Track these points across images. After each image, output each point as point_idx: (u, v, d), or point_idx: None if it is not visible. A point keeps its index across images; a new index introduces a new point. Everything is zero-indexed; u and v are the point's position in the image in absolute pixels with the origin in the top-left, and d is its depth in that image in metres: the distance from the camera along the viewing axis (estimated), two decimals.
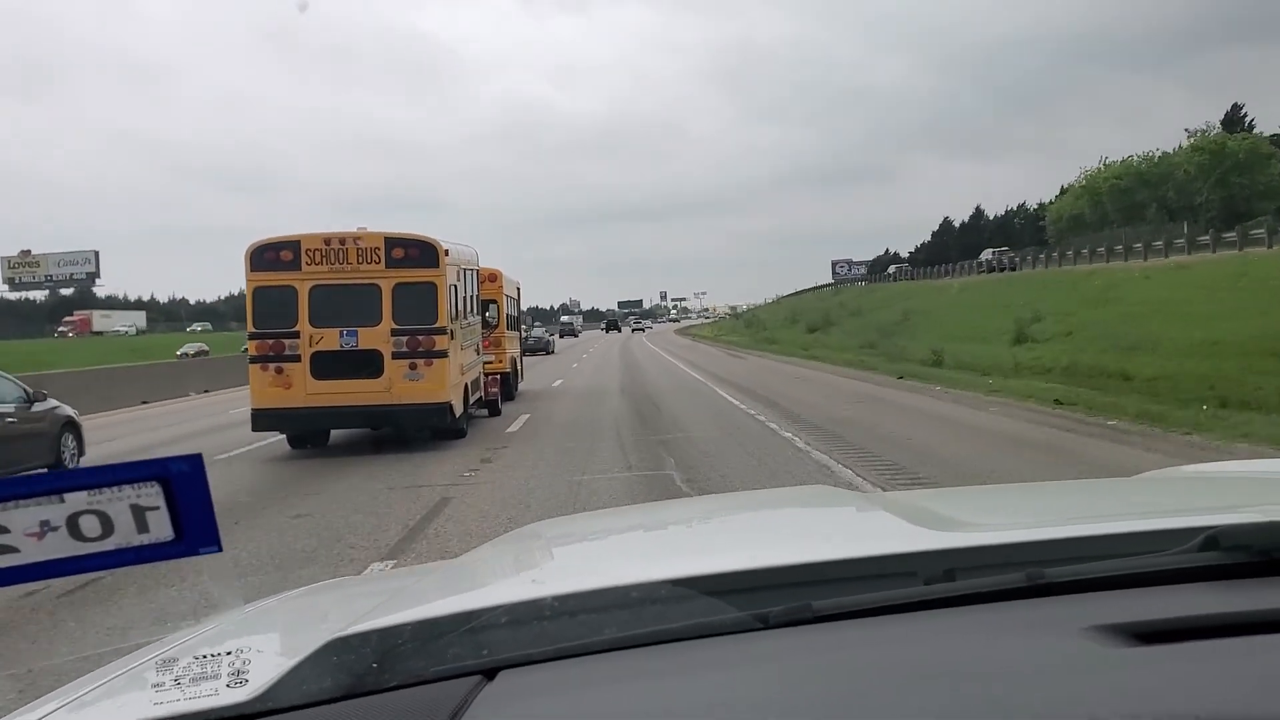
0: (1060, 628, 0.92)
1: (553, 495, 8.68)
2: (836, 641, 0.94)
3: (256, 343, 12.36)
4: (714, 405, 17.07)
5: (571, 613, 1.01)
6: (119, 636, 5.18)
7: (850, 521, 1.60)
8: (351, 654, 0.95)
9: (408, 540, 7.23)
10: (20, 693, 4.26)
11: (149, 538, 0.84)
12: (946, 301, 45.84)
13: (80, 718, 1.03)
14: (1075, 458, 9.69)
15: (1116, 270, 38.67)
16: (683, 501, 4.52)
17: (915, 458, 10.09)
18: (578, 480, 9.45)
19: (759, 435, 12.52)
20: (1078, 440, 10.94)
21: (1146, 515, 1.35)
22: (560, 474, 9.89)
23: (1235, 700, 0.79)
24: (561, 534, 1.75)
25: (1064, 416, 12.95)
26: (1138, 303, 27.97)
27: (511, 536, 1.79)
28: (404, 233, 12.66)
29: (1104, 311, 27.98)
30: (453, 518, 7.97)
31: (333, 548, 7.11)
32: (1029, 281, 44.08)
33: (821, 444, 11.28)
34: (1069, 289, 34.99)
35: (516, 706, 0.88)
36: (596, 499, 8.45)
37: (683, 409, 16.49)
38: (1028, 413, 13.65)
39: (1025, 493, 2.37)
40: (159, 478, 0.83)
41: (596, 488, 9.02)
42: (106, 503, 0.83)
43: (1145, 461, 8.13)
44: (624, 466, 10.26)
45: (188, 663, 1.01)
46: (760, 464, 10.12)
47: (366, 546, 7.05)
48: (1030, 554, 1.09)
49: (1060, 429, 11.89)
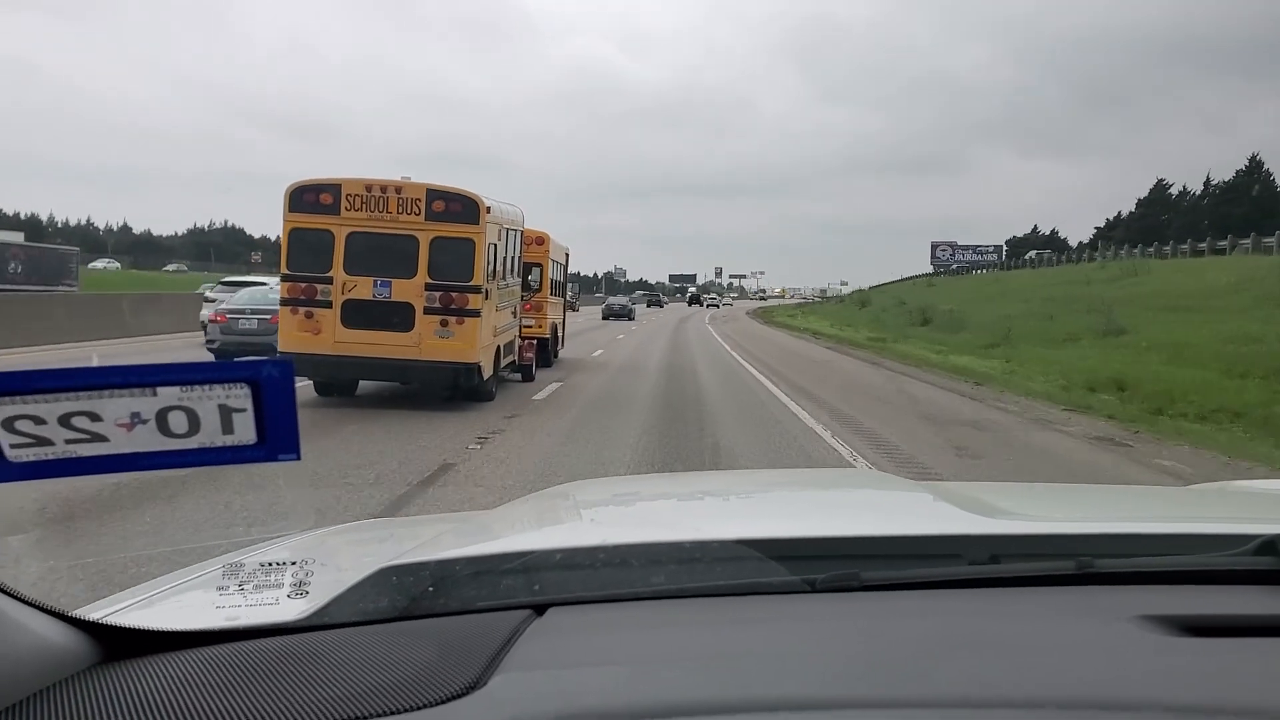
0: (1109, 614, 0.96)
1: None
2: (881, 610, 1.00)
3: (289, 285, 12.55)
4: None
5: (624, 560, 1.07)
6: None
7: (900, 503, 1.65)
8: (410, 577, 1.01)
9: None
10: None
11: (233, 439, 0.89)
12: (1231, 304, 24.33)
13: (148, 615, 1.10)
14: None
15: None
16: (730, 473, 4.63)
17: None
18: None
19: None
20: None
21: (1198, 520, 1.39)
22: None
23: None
24: (606, 493, 1.82)
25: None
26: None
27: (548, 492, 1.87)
28: (446, 186, 12.74)
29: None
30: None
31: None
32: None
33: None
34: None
35: (565, 640, 0.94)
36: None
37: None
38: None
39: (1074, 492, 2.42)
40: (249, 380, 0.88)
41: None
42: (196, 400, 0.88)
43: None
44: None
45: (253, 569, 1.07)
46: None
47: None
48: (1076, 546, 1.13)
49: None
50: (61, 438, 0.85)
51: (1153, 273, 38.57)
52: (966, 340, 28.06)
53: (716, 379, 18.86)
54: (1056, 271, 53.57)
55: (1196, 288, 29.39)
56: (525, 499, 1.87)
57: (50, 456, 0.86)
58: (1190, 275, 33.87)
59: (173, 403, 0.88)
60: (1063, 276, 46.33)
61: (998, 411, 14.45)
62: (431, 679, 0.87)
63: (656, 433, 11.17)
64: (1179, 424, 12.84)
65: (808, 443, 10.80)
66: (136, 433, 0.88)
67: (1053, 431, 12.45)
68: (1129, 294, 31.08)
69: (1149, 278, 36.60)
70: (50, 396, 0.83)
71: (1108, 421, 13.28)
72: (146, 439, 0.88)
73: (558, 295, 21.50)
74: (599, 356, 24.51)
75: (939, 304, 41.11)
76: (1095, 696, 0.81)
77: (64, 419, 0.84)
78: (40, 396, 0.82)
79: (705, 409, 13.83)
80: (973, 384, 18.30)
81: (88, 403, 0.84)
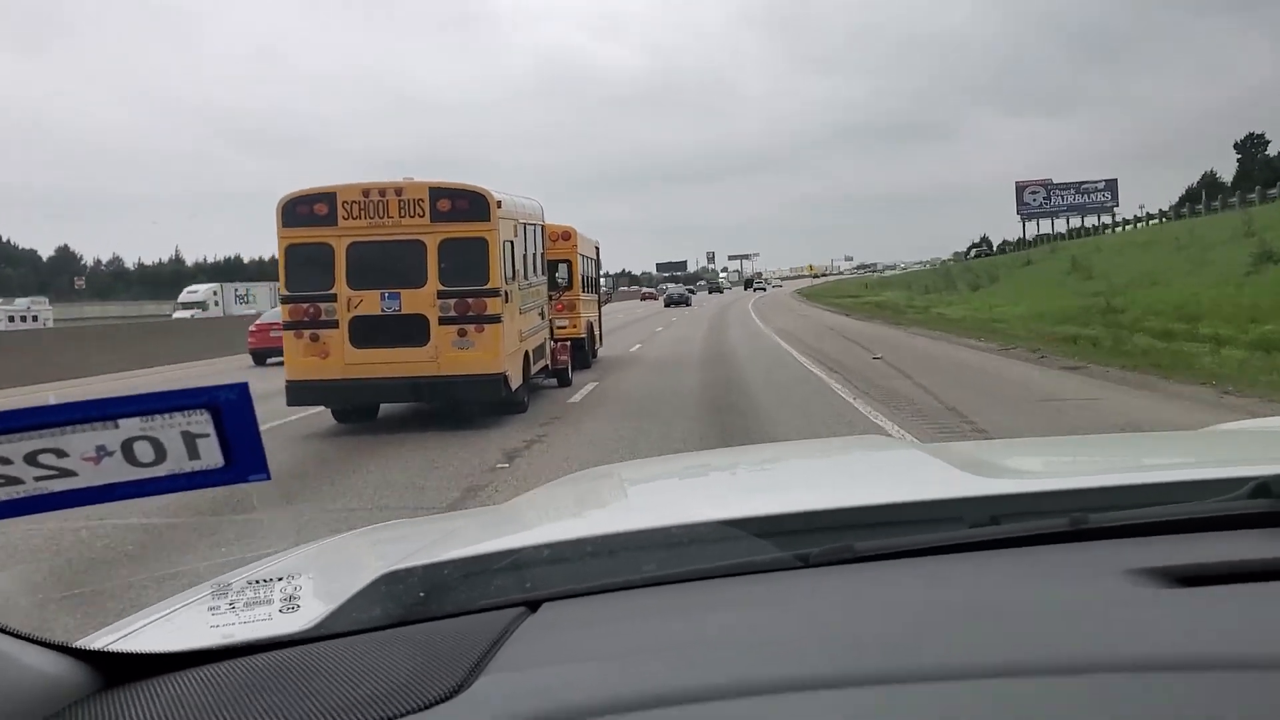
0: (1103, 569, 1.01)
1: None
2: (877, 580, 1.06)
3: (290, 307, 12.59)
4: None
5: (612, 550, 1.15)
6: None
7: (897, 468, 1.73)
8: (400, 585, 1.10)
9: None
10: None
11: (200, 464, 0.98)
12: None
13: (144, 640, 1.19)
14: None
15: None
16: (735, 449, 4.72)
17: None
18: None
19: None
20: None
21: (1193, 465, 1.44)
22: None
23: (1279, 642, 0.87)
24: (612, 477, 1.91)
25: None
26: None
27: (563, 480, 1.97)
28: (451, 182, 12.72)
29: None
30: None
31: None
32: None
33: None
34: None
35: (558, 635, 1.02)
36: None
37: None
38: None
39: (1072, 444, 2.48)
40: (207, 405, 0.97)
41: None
42: (159, 429, 0.97)
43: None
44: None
45: (242, 588, 1.16)
46: None
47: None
48: (1074, 501, 1.19)
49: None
50: (30, 475, 0.93)
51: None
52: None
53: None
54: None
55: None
56: (533, 491, 1.99)
57: (23, 494, 0.95)
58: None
59: (135, 433, 0.96)
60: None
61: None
62: (417, 685, 0.95)
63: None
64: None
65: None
66: (104, 465, 0.97)
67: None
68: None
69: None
70: (13, 436, 0.92)
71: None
72: (115, 470, 0.97)
73: (590, 292, 21.62)
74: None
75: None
76: (1088, 657, 0.87)
77: (29, 457, 0.93)
78: (2, 437, 0.91)
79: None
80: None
81: (51, 440, 0.93)
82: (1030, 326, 25.37)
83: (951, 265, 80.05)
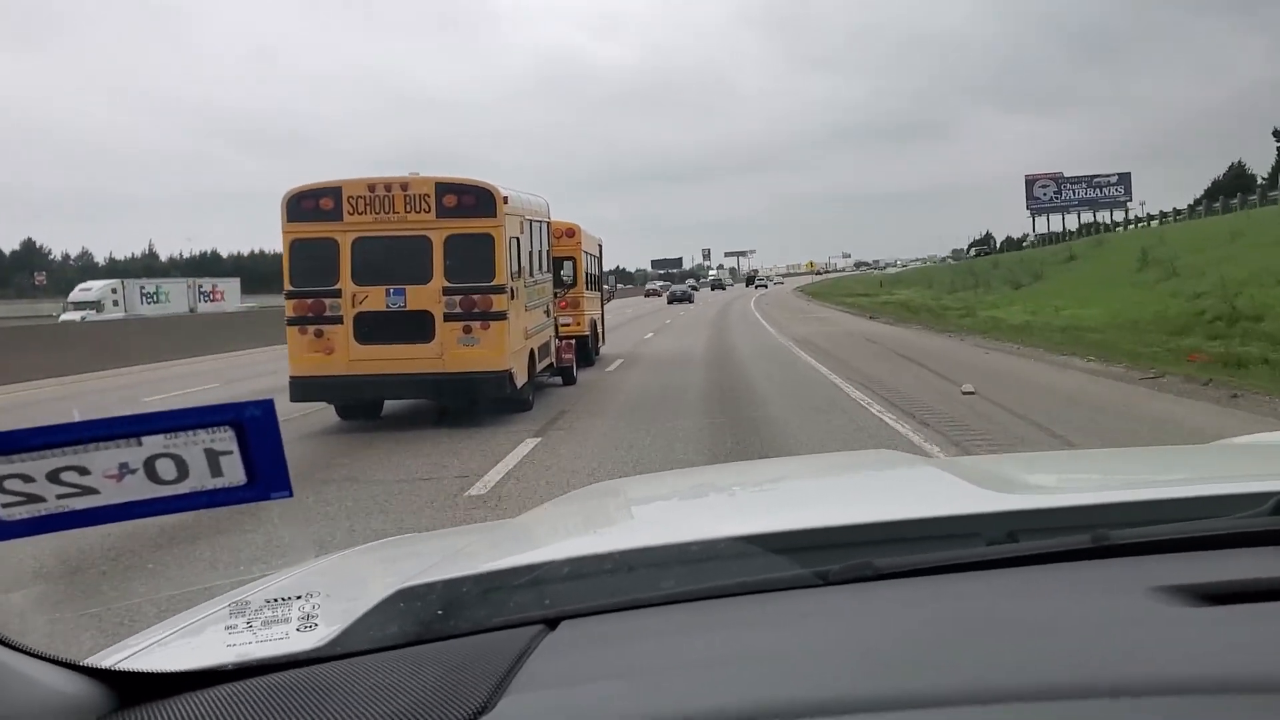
0: (1126, 587, 1.01)
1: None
2: (897, 597, 1.06)
3: (294, 302, 12.62)
4: None
5: (631, 567, 1.15)
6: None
7: (914, 484, 1.73)
8: (418, 602, 1.10)
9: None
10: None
11: (222, 481, 0.98)
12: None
13: (159, 659, 1.20)
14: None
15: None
16: (750, 464, 4.75)
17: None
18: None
19: None
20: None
21: (1213, 480, 1.44)
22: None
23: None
24: (623, 493, 1.92)
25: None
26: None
27: (571, 496, 1.97)
28: (457, 178, 12.74)
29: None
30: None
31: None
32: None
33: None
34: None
35: (579, 654, 1.02)
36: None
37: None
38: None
39: (1090, 458, 2.48)
40: (231, 422, 0.97)
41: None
42: (181, 446, 0.97)
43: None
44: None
45: (259, 607, 1.17)
46: None
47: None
48: (1094, 517, 1.19)
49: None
50: (52, 493, 0.94)
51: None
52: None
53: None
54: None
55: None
56: (546, 504, 1.99)
57: (44, 512, 0.95)
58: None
59: (158, 451, 0.97)
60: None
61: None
62: (441, 705, 0.95)
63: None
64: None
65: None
66: (126, 483, 0.97)
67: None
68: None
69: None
70: (36, 454, 0.92)
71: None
72: (137, 488, 0.98)
73: (594, 289, 21.66)
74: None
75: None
76: (1114, 678, 0.87)
77: (52, 475, 0.93)
78: (25, 455, 0.92)
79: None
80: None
81: (74, 457, 0.94)
82: (1136, 337, 19.35)
83: (954, 263, 78.94)
